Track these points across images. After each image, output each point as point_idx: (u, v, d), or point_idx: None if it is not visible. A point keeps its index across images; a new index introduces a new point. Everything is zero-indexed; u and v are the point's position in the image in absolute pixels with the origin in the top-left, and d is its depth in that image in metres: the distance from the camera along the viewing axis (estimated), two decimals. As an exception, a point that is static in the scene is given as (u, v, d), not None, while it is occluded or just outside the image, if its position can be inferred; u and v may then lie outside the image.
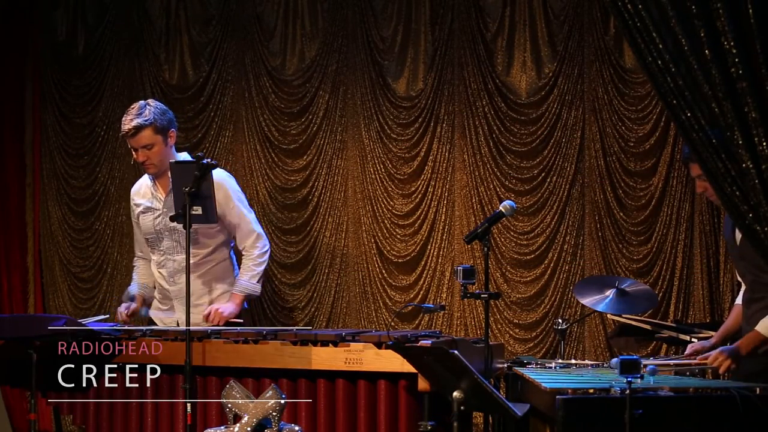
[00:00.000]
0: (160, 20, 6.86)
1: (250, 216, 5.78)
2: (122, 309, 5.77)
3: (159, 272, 5.81)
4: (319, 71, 6.55)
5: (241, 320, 5.64)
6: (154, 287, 5.89)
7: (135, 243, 6.02)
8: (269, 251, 5.84)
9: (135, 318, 5.87)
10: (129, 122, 5.60)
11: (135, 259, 6.03)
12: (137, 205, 5.84)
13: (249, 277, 5.69)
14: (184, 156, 5.76)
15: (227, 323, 5.55)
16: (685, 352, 4.96)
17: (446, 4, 6.30)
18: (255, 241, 5.73)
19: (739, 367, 4.66)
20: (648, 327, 5.53)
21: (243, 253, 5.76)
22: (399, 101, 6.41)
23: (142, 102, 5.70)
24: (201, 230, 5.59)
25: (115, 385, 5.26)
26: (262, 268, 5.74)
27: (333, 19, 6.52)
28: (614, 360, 4.27)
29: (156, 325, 5.75)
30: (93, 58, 7.00)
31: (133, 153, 5.69)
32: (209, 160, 5.04)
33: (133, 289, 5.92)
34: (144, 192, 5.83)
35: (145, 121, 5.58)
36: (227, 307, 5.62)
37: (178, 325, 5.64)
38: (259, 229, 5.79)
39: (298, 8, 6.59)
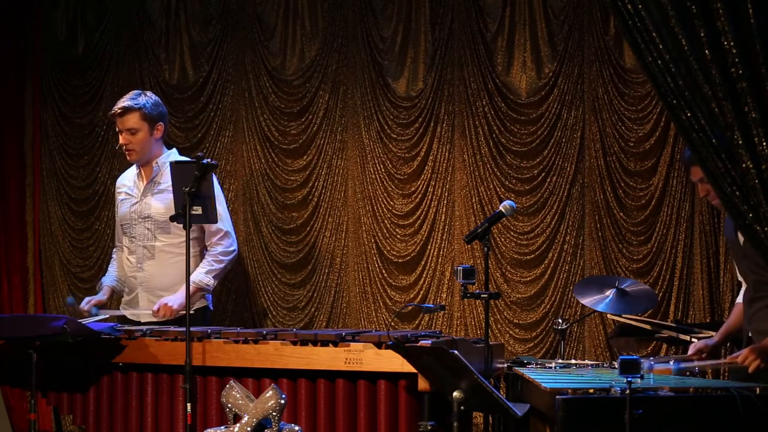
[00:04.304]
0: (160, 20, 6.86)
1: (224, 214, 5.81)
2: (83, 304, 5.81)
3: (128, 258, 5.87)
4: (319, 71, 6.55)
5: (191, 312, 5.67)
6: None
7: (116, 232, 6.10)
8: (235, 254, 5.84)
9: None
10: (120, 103, 5.78)
11: (114, 249, 6.12)
12: (120, 193, 5.96)
13: (206, 271, 5.70)
14: (174, 153, 5.82)
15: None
16: (689, 352, 4.95)
17: (446, 4, 6.30)
18: (221, 239, 5.76)
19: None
20: (648, 327, 5.53)
21: (208, 248, 5.76)
22: (399, 101, 6.41)
23: (139, 90, 5.91)
24: None
25: (115, 385, 5.27)
26: (222, 266, 5.76)
27: (333, 19, 6.53)
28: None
29: (128, 320, 5.78)
30: (93, 58, 7.00)
31: (120, 136, 5.82)
32: (209, 160, 5.05)
33: (107, 281, 6.00)
34: (129, 179, 5.95)
35: (135, 104, 5.75)
36: (176, 300, 5.64)
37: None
38: (228, 228, 5.82)
39: (298, 8, 6.60)
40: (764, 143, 3.60)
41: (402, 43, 6.40)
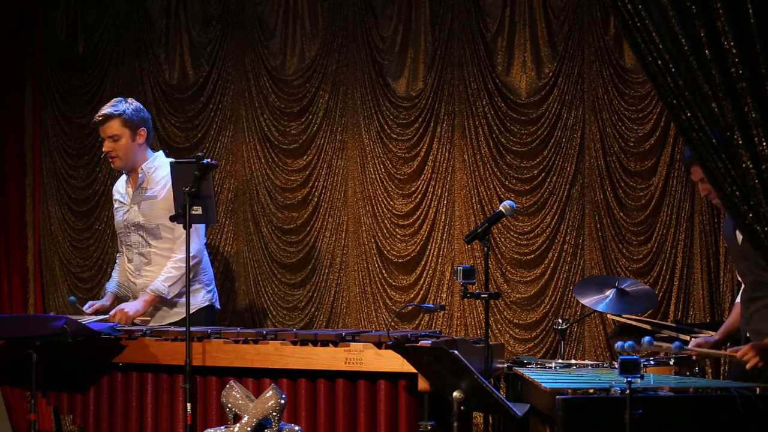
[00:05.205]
0: (160, 20, 6.86)
1: None
2: (86, 308, 5.80)
3: (128, 266, 5.88)
4: (319, 71, 6.55)
5: (149, 319, 5.67)
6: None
7: (117, 238, 6.10)
8: (196, 259, 5.67)
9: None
10: (100, 111, 5.80)
11: (118, 254, 6.10)
12: (115, 201, 5.98)
13: (163, 279, 5.66)
14: (159, 157, 5.80)
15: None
16: (689, 346, 4.94)
17: (446, 4, 6.30)
18: (182, 243, 5.60)
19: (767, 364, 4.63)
20: (648, 327, 5.53)
21: (171, 255, 5.74)
22: (399, 101, 6.41)
23: (121, 98, 5.89)
24: (161, 225, 5.67)
25: (115, 385, 5.27)
26: (181, 273, 5.58)
27: (333, 19, 6.53)
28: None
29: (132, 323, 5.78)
30: (93, 58, 7.00)
31: (103, 144, 5.83)
32: (209, 160, 5.05)
33: (110, 287, 6.00)
34: (121, 186, 5.96)
35: (115, 111, 5.77)
36: (133, 306, 5.65)
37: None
38: (194, 235, 5.64)
39: (298, 8, 6.60)
40: (764, 143, 3.60)
41: (402, 43, 6.40)
